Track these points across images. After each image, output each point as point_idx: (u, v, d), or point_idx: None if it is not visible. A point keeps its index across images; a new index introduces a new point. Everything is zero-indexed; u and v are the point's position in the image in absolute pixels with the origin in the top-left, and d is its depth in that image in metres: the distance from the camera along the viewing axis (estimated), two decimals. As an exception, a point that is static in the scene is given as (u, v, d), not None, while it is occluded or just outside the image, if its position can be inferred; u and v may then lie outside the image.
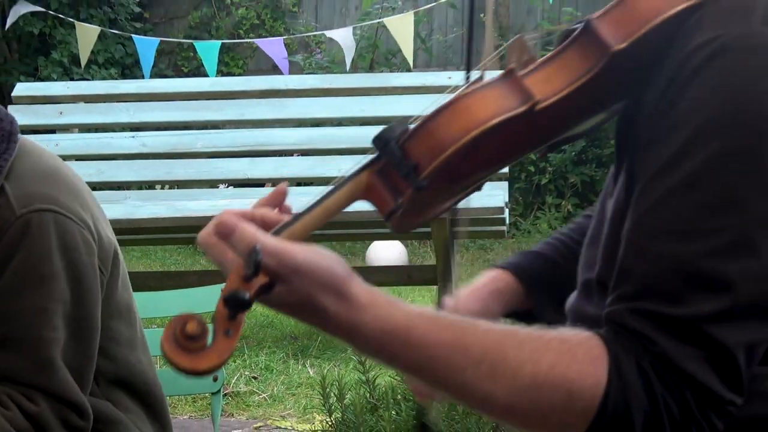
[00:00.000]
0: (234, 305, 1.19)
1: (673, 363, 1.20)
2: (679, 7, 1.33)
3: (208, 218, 3.80)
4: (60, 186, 2.24)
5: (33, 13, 9.27)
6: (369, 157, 1.36)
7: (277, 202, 1.37)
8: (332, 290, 1.23)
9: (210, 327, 1.21)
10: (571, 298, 1.56)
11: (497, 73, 1.47)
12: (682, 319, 1.21)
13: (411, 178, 1.30)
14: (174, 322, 1.21)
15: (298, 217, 1.31)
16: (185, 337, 1.20)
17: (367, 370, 2.94)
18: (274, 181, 5.82)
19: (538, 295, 1.72)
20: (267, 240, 1.23)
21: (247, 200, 5.46)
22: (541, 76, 1.37)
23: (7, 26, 9.08)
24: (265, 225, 1.32)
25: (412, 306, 1.33)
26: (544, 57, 1.40)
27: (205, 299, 2.93)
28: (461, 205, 1.69)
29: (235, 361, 4.56)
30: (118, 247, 2.33)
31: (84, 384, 2.22)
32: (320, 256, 1.24)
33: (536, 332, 1.32)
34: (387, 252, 7.33)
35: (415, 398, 1.74)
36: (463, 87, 1.40)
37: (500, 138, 1.35)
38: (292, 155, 5.68)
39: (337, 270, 1.25)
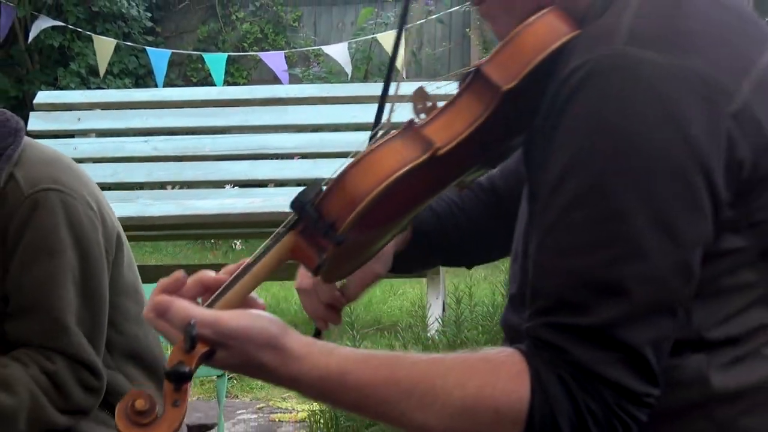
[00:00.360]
0: (176, 379, 1.22)
1: (589, 369, 1.23)
2: (558, 43, 1.36)
3: (215, 216, 3.73)
4: (64, 169, 2.29)
5: (53, 28, 9.29)
6: (286, 222, 1.38)
7: (176, 288, 1.36)
8: (269, 347, 1.25)
9: (159, 401, 1.24)
10: (504, 311, 1.57)
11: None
12: (590, 327, 1.24)
13: (330, 235, 1.31)
14: (124, 400, 1.23)
15: (229, 285, 1.33)
16: (135, 413, 1.22)
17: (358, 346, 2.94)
18: (276, 182, 5.90)
19: (418, 242, 1.72)
20: (201, 313, 1.25)
21: (250, 199, 5.49)
22: (441, 124, 1.38)
23: (29, 40, 9.10)
24: (206, 289, 1.36)
25: (348, 350, 1.35)
26: (443, 105, 1.41)
27: None
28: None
29: None
30: (122, 232, 2.36)
31: (96, 350, 2.24)
32: (254, 319, 1.27)
33: (461, 356, 1.37)
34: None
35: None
36: (369, 144, 1.41)
37: (409, 185, 1.37)
38: (292, 158, 5.67)
39: (271, 329, 1.27)
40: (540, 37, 1.37)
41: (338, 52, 7.44)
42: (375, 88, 6.16)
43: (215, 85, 7.54)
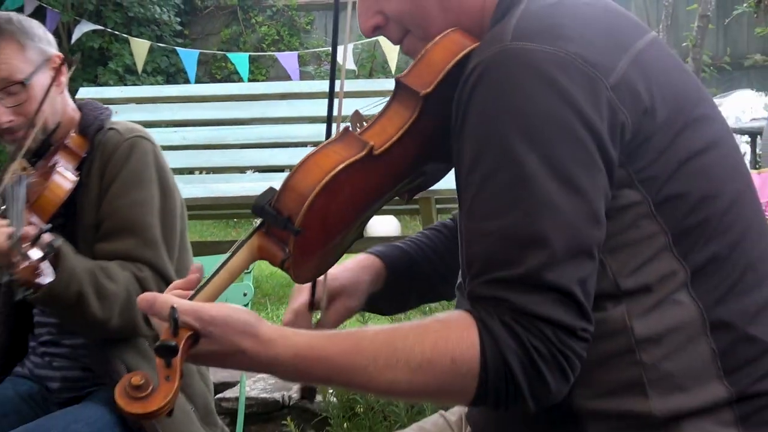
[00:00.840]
0: (164, 353, 1.23)
1: (527, 311, 1.26)
2: (462, 53, 1.42)
3: (237, 198, 3.84)
4: (145, 131, 2.45)
5: (94, 31, 9.35)
6: (253, 225, 1.43)
7: (191, 286, 1.40)
8: (247, 334, 1.27)
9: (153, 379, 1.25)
10: (458, 285, 1.61)
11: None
12: (521, 276, 1.28)
13: (288, 227, 1.36)
14: (121, 381, 1.25)
15: (207, 282, 1.37)
16: (133, 389, 1.23)
17: (364, 319, 2.88)
18: (292, 168, 5.98)
19: (393, 281, 1.72)
20: (182, 302, 1.28)
21: (269, 183, 5.63)
22: (376, 130, 1.44)
23: (72, 42, 9.08)
24: (189, 287, 1.41)
25: (315, 331, 1.42)
26: (374, 116, 1.46)
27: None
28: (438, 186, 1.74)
29: (261, 313, 4.54)
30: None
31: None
32: (231, 309, 1.31)
33: (416, 322, 1.38)
34: (383, 225, 7.22)
35: None
36: (321, 144, 1.45)
37: (351, 182, 1.41)
38: (305, 146, 5.63)
39: (247, 318, 1.30)
40: (447, 50, 1.44)
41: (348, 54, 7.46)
42: (378, 84, 6.39)
43: (238, 82, 7.60)
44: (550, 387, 1.28)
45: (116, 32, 9.65)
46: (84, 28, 8.78)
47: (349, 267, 1.69)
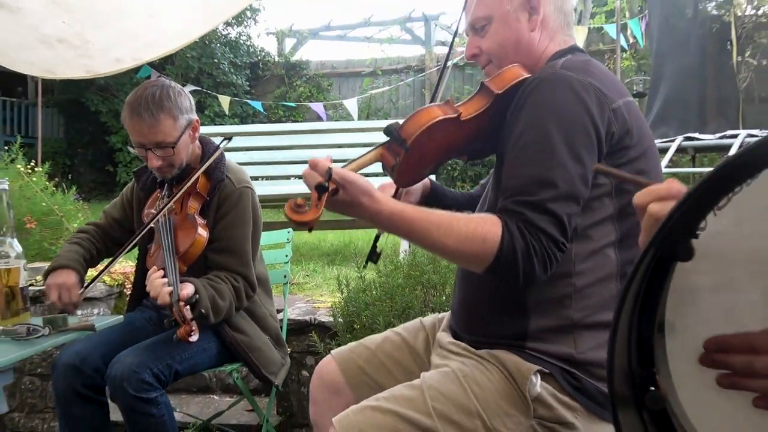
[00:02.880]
0: (320, 190, 1.26)
1: (534, 223, 1.28)
2: (522, 77, 1.45)
3: (284, 195, 4.08)
4: (245, 173, 2.40)
5: (194, 90, 9.19)
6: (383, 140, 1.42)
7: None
8: (366, 193, 1.29)
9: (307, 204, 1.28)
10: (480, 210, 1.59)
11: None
12: (535, 201, 1.29)
13: (403, 145, 1.37)
14: (289, 201, 1.27)
15: (350, 162, 1.37)
16: (296, 206, 1.26)
17: (361, 272, 2.94)
18: None
19: (429, 195, 1.77)
20: (335, 167, 1.29)
21: (305, 187, 5.90)
22: (465, 106, 1.46)
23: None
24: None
25: (404, 203, 1.36)
26: (468, 97, 1.49)
27: (281, 235, 3.01)
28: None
29: (295, 266, 4.55)
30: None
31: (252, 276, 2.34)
32: (360, 178, 1.30)
33: (464, 214, 1.37)
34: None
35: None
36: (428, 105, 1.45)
37: (443, 130, 1.41)
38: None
39: (369, 186, 1.31)
40: (513, 73, 1.46)
41: (351, 103, 7.61)
42: (372, 124, 6.44)
43: (285, 122, 7.81)
44: (536, 272, 1.30)
45: (209, 91, 9.76)
46: (188, 88, 8.78)
47: (420, 185, 1.75)
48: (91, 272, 2.37)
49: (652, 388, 0.70)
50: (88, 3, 2.40)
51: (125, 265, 3.72)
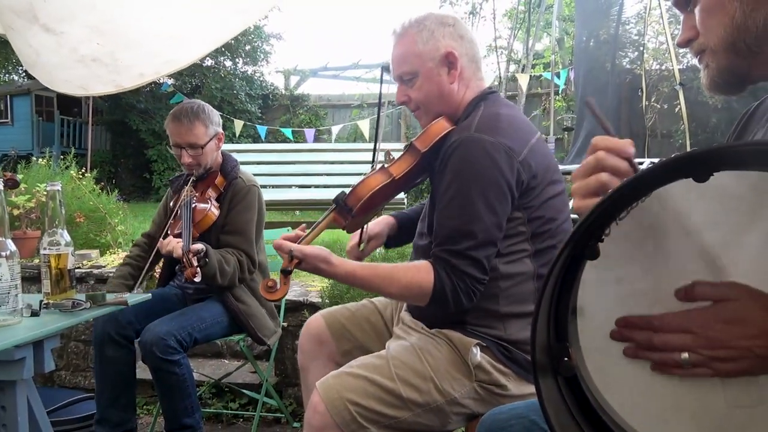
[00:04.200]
0: (285, 273, 1.29)
1: (459, 268, 1.27)
2: (446, 131, 1.41)
3: (285, 200, 4.13)
4: (257, 182, 2.37)
5: None
6: (330, 207, 1.41)
7: (295, 238, 1.36)
8: (324, 261, 1.28)
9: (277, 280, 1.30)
10: (416, 241, 1.56)
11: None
12: (459, 249, 1.27)
13: (350, 212, 1.37)
14: (263, 282, 1.31)
15: (306, 236, 1.35)
16: (268, 287, 1.30)
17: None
18: (311, 185, 5.80)
19: (398, 231, 1.71)
20: (294, 246, 1.29)
21: (303, 194, 5.50)
22: (395, 166, 1.43)
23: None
24: (296, 239, 1.36)
25: (356, 262, 1.35)
26: (396, 158, 1.46)
27: (281, 233, 2.68)
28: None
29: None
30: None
31: (254, 254, 2.29)
32: (317, 249, 1.28)
33: (405, 264, 1.36)
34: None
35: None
36: (367, 173, 1.44)
37: (381, 192, 1.41)
38: (322, 176, 5.73)
39: (325, 254, 1.30)
40: (439, 128, 1.42)
41: (337, 129, 7.57)
42: (358, 146, 6.47)
43: (291, 143, 7.77)
44: (464, 304, 1.31)
45: (228, 116, 9.54)
46: None
47: (380, 222, 1.68)
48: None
49: (566, 359, 0.71)
50: (120, 28, 2.39)
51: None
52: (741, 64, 0.83)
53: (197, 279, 1.98)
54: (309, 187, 5.83)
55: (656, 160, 0.67)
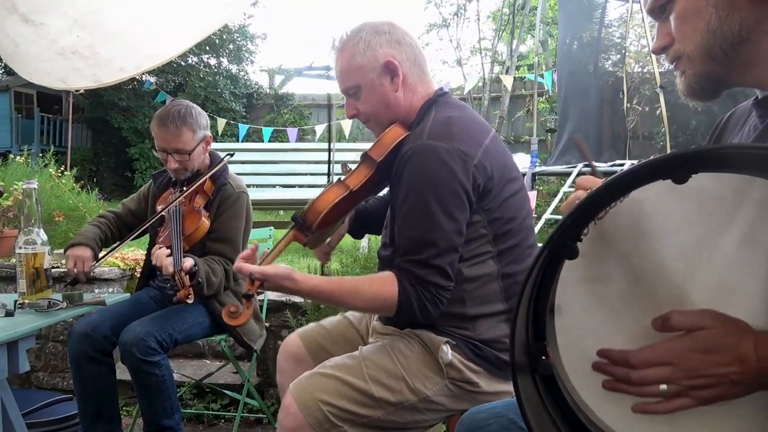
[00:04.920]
0: (247, 297, 1.27)
1: (423, 278, 1.26)
2: (400, 139, 1.39)
3: (268, 200, 3.93)
4: (245, 188, 2.32)
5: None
6: (290, 226, 1.40)
7: (251, 255, 1.34)
8: (287, 279, 1.28)
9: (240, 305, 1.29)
10: (379, 250, 1.55)
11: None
12: (421, 259, 1.26)
13: (309, 229, 1.36)
14: (225, 308, 1.29)
15: (267, 255, 1.34)
16: (230, 313, 1.29)
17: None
18: (298, 185, 5.87)
19: (358, 220, 1.70)
20: (254, 268, 1.27)
21: (285, 192, 5.54)
22: (352, 178, 1.41)
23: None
24: (251, 257, 1.34)
25: (320, 277, 1.33)
26: (353, 168, 1.44)
27: (264, 232, 2.93)
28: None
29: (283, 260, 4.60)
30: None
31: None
32: (279, 268, 1.27)
33: (369, 276, 1.35)
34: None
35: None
36: (324, 188, 1.41)
37: (339, 206, 1.39)
38: (305, 175, 5.79)
39: (287, 271, 1.27)
40: (392, 136, 1.40)
41: (321, 128, 7.46)
42: (340, 146, 6.17)
43: (269, 142, 7.58)
44: (431, 313, 1.30)
45: (212, 115, 9.40)
46: None
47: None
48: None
49: (544, 358, 0.71)
50: (99, 20, 2.34)
51: (136, 252, 3.62)
52: (717, 69, 0.84)
53: (190, 301, 1.91)
54: (293, 186, 5.78)
55: (636, 162, 0.67)
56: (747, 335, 0.64)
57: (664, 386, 0.66)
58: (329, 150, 1.64)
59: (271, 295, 3.12)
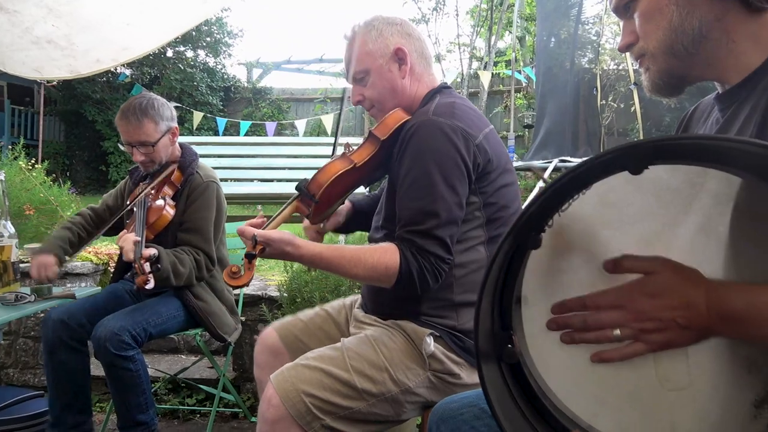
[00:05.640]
0: (249, 257, 1.27)
1: (423, 248, 1.27)
2: (402, 120, 1.42)
3: (245, 194, 4.02)
4: (214, 174, 2.33)
5: (174, 107, 9.32)
6: (294, 195, 1.40)
7: (260, 224, 1.36)
8: (289, 244, 1.27)
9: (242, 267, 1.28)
10: (372, 234, 1.56)
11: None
12: (423, 230, 1.28)
13: (313, 198, 1.36)
14: (227, 268, 1.29)
15: (270, 222, 1.34)
16: (232, 273, 1.28)
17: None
18: (274, 179, 5.86)
19: (353, 215, 1.71)
20: (258, 231, 1.28)
21: (263, 187, 5.31)
22: (357, 154, 1.43)
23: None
24: (261, 225, 1.36)
25: (322, 245, 1.33)
26: (358, 146, 1.45)
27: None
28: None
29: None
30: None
31: (213, 252, 2.25)
32: (282, 233, 1.27)
33: (370, 245, 1.36)
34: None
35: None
36: (329, 160, 1.43)
37: (342, 180, 1.40)
38: (284, 169, 5.58)
39: (289, 237, 1.28)
40: (395, 118, 1.43)
41: (303, 124, 7.41)
42: (318, 140, 6.32)
43: (246, 136, 7.62)
44: (430, 284, 1.32)
45: (189, 108, 9.45)
46: (171, 104, 8.55)
47: (343, 210, 1.68)
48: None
49: (509, 346, 0.72)
50: (75, 10, 2.30)
51: (110, 247, 3.58)
52: (679, 65, 0.87)
53: (149, 286, 1.90)
54: (271, 180, 5.68)
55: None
56: (697, 282, 0.66)
57: (617, 330, 0.67)
58: (334, 145, 1.65)
59: (248, 289, 3.09)
